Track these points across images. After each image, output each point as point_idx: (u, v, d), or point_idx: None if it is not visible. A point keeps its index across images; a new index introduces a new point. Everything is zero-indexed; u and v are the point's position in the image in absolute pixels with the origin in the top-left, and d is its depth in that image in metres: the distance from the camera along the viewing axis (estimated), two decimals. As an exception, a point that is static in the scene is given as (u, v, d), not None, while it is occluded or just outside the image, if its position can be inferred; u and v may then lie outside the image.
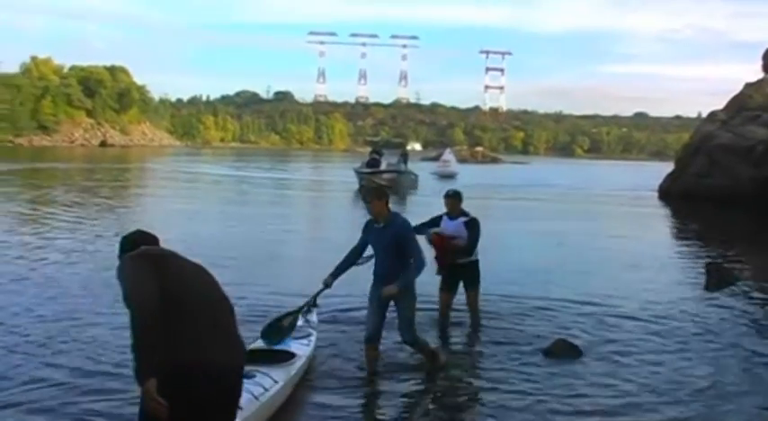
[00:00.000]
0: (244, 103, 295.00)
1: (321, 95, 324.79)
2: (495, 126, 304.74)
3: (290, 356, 9.78)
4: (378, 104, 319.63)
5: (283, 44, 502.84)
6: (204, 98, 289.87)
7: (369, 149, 59.14)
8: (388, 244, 9.75)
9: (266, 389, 8.48)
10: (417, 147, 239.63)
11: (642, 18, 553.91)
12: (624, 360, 11.17)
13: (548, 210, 41.02)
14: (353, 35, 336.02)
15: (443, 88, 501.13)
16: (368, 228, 10.13)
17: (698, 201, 41.46)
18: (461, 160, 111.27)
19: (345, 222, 27.84)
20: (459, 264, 12.50)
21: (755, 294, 16.63)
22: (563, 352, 11.30)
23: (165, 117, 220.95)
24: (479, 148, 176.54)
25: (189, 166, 75.85)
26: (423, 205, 38.02)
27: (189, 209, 33.54)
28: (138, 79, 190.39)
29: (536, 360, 11.07)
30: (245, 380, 7.28)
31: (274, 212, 34.09)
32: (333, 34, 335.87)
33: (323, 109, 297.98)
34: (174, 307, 5.22)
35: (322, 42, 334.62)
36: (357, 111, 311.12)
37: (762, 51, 53.33)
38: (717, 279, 17.42)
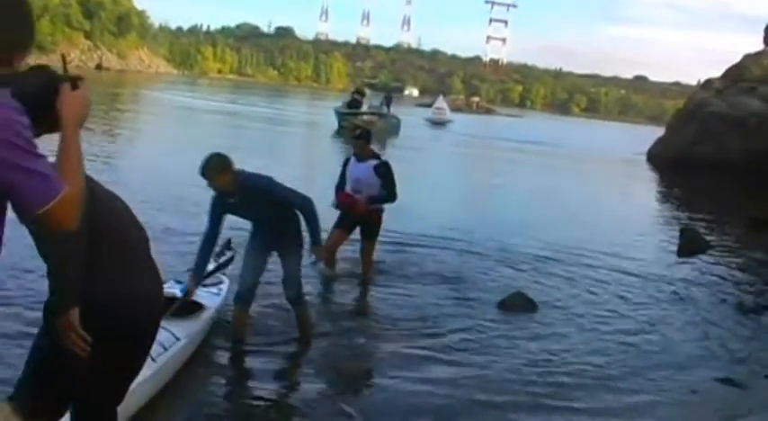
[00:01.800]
0: (244, 36, 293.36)
1: (322, 33, 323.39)
2: (494, 78, 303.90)
3: (196, 307, 8.64)
4: (378, 47, 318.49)
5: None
6: (204, 28, 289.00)
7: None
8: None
9: (165, 349, 7.39)
10: (415, 92, 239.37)
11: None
12: (578, 319, 11.02)
13: (532, 165, 40.92)
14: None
15: (445, 36, 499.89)
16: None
17: (687, 169, 41.13)
18: (456, 109, 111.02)
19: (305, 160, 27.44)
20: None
21: (725, 262, 16.50)
22: (519, 305, 11.15)
23: (164, 44, 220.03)
24: (476, 99, 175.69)
25: (181, 96, 75.13)
26: (405, 150, 37.96)
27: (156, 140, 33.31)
28: (139, 4, 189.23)
29: (491, 313, 10.92)
30: None
31: (229, 145, 33.58)
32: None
33: (323, 47, 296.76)
34: (106, 234, 4.93)
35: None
36: (357, 52, 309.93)
37: (764, 24, 52.85)
38: (689, 244, 17.29)
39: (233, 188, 8.07)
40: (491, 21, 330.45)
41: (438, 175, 30.21)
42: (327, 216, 10.93)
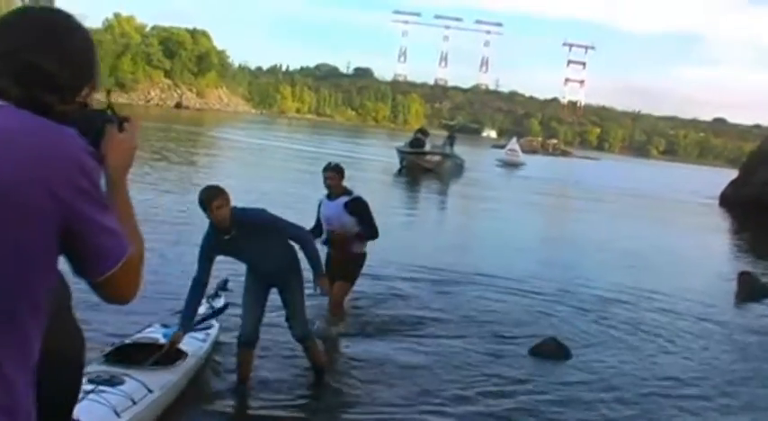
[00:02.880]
0: (323, 76, 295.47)
1: (400, 75, 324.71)
2: (571, 120, 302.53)
3: (177, 355, 8.04)
4: (456, 88, 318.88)
5: (367, 21, 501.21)
6: (284, 68, 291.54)
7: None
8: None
9: (134, 402, 6.79)
10: (492, 134, 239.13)
11: (732, 22, 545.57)
12: (618, 367, 10.69)
13: (603, 209, 40.45)
14: (438, 17, 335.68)
15: (523, 77, 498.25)
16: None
17: (759, 210, 40.32)
18: (532, 151, 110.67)
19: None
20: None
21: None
22: (550, 352, 10.85)
23: (243, 84, 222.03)
24: (553, 141, 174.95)
25: (257, 137, 75.41)
26: (468, 190, 37.72)
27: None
28: (219, 44, 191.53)
29: (521, 358, 10.65)
30: (108, 389, 6.73)
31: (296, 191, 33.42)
32: (417, 14, 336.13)
33: (401, 88, 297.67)
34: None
35: (406, 22, 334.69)
36: (435, 93, 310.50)
37: None
38: (748, 290, 16.88)
39: (230, 223, 7.84)
40: (569, 62, 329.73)
41: (501, 217, 30.01)
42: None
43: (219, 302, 10.12)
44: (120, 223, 2.44)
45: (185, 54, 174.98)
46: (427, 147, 48.02)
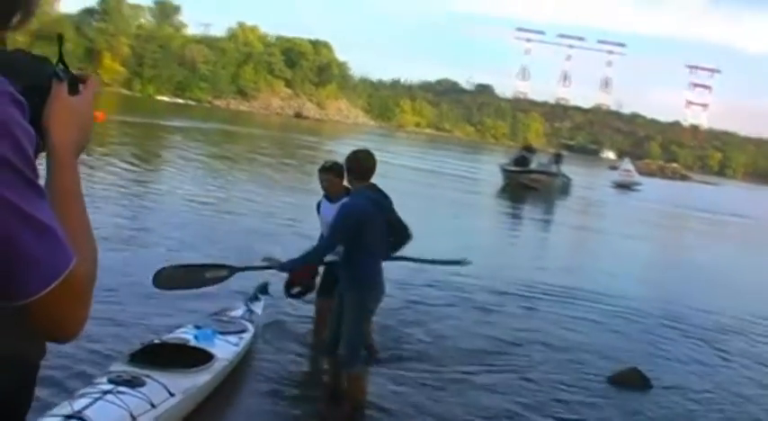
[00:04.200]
0: (443, 91, 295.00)
1: (521, 92, 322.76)
2: (693, 144, 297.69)
3: (206, 358, 7.72)
4: (577, 108, 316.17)
5: (490, 38, 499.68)
6: (405, 82, 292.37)
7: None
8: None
9: (153, 406, 6.43)
10: (611, 155, 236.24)
11: None
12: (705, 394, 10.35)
13: (717, 235, 39.53)
14: (561, 36, 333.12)
15: (645, 99, 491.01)
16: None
17: None
18: (649, 173, 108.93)
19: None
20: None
21: None
22: (630, 382, 10.43)
23: (363, 96, 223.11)
24: (674, 164, 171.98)
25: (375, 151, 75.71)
26: (575, 211, 37.14)
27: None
28: (341, 56, 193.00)
29: (599, 385, 10.27)
30: (127, 390, 6.43)
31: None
32: (540, 32, 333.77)
33: (521, 106, 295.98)
34: None
35: (529, 40, 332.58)
36: (556, 112, 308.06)
37: None
38: None
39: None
40: (693, 85, 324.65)
41: (606, 239, 29.48)
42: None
43: (258, 306, 9.94)
44: (62, 221, 1.65)
45: (307, 64, 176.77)
46: (533, 166, 46.89)
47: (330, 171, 9.25)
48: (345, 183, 8.87)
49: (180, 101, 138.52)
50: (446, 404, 8.85)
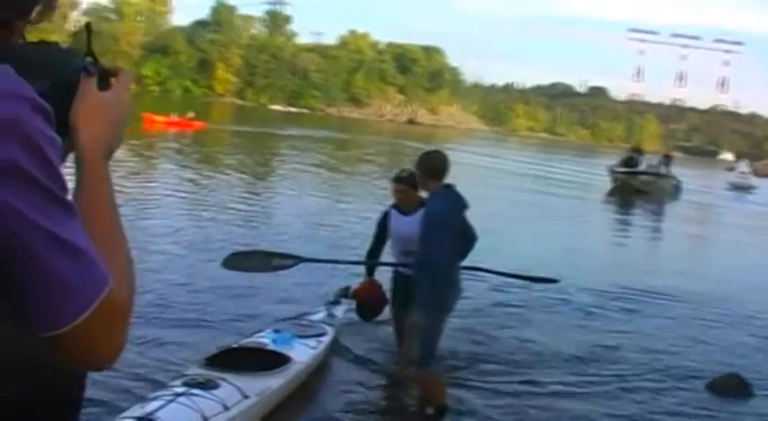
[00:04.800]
0: (557, 95, 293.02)
1: (636, 94, 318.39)
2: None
3: (282, 361, 7.65)
4: (693, 109, 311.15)
5: (602, 40, 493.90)
6: (518, 86, 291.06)
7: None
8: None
9: (226, 408, 6.40)
10: (729, 157, 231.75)
11: None
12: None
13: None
14: (675, 35, 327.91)
15: (764, 98, 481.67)
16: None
17: None
18: (765, 175, 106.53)
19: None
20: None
21: None
22: (730, 389, 10.05)
23: (476, 101, 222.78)
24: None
25: (487, 154, 75.33)
26: (690, 208, 36.43)
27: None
28: (453, 61, 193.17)
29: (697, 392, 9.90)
30: (200, 392, 6.43)
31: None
32: (654, 33, 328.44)
33: (636, 108, 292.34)
34: None
35: (642, 40, 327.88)
36: (671, 113, 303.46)
37: None
38: None
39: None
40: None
41: (718, 242, 28.96)
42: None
43: (339, 310, 9.81)
44: (93, 235, 1.47)
45: (419, 70, 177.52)
46: (642, 167, 45.73)
47: (405, 181, 8.75)
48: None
49: (293, 109, 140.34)
50: (534, 413, 8.72)
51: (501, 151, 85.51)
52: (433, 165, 7.91)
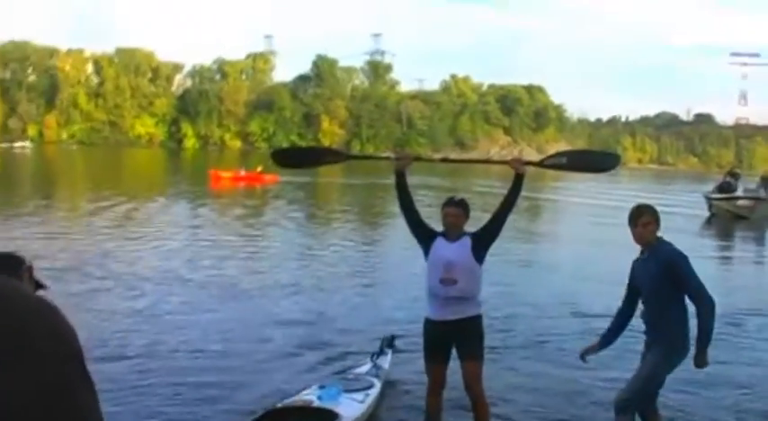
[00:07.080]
0: (663, 125, 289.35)
1: (743, 118, 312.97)
2: None
3: (330, 418, 7.44)
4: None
5: (704, 66, 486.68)
6: (623, 119, 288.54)
7: None
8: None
9: None
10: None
11: None
12: None
13: None
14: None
15: None
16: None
17: None
18: None
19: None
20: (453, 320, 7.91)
21: None
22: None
23: (582, 136, 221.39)
24: None
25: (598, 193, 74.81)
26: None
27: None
28: (556, 98, 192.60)
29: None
30: None
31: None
32: (755, 55, 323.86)
33: (744, 132, 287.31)
34: None
35: (744, 64, 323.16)
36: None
37: None
38: None
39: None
40: None
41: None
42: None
43: (385, 361, 9.63)
44: None
45: (523, 110, 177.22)
46: (739, 192, 43.92)
47: (460, 205, 8.21)
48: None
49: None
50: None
51: (613, 186, 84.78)
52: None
